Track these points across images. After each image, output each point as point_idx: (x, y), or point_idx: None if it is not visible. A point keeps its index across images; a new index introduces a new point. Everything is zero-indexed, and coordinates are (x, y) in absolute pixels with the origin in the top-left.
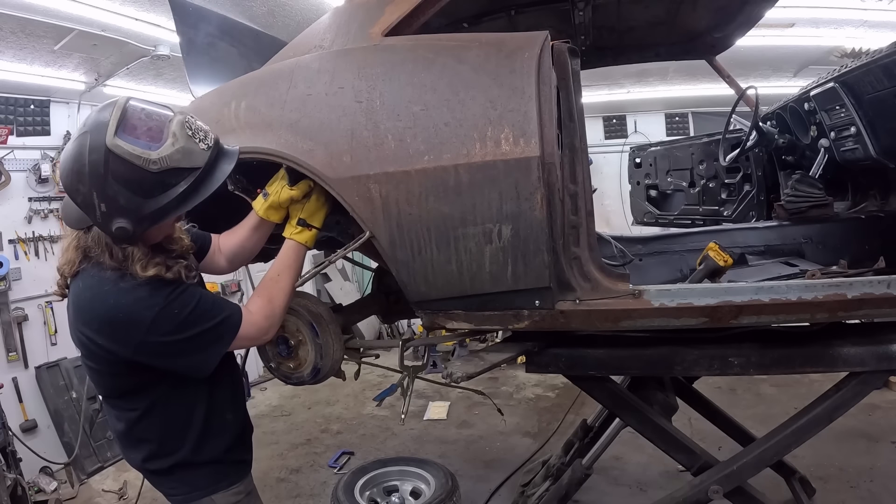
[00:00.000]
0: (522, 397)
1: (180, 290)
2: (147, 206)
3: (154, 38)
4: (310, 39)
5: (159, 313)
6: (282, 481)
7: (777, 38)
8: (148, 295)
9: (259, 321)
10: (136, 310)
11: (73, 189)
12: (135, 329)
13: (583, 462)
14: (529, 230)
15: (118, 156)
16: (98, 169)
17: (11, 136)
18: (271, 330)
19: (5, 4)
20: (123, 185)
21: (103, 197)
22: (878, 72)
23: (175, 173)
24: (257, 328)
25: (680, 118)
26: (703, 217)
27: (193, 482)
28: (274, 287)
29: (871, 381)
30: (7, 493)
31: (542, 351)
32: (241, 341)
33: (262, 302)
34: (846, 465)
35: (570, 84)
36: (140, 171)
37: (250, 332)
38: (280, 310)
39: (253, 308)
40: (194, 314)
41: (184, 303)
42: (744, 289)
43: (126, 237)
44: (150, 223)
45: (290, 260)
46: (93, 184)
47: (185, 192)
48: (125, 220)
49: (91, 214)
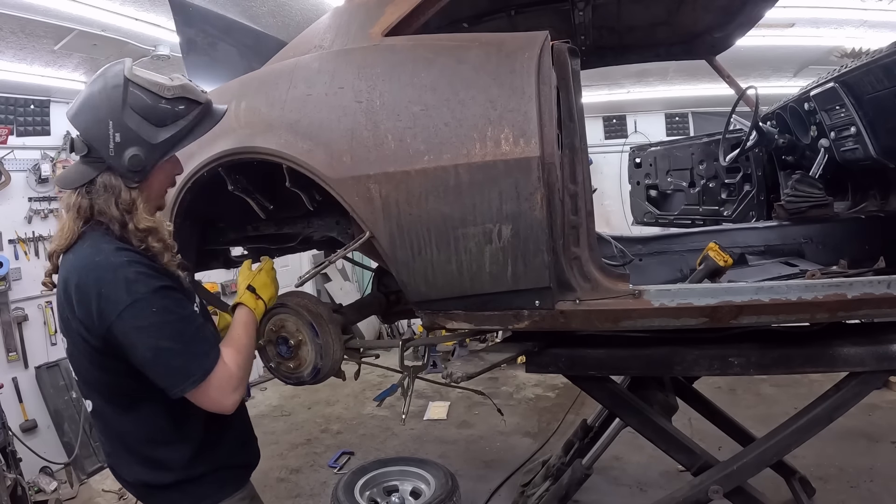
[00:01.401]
0: (522, 397)
1: (170, 292)
2: (160, 134)
3: (154, 38)
4: (310, 39)
5: (139, 300)
6: (282, 481)
7: (777, 38)
8: (136, 278)
9: (233, 371)
10: (120, 287)
11: (86, 125)
12: (111, 307)
13: (583, 462)
14: (529, 230)
15: (137, 84)
16: (116, 99)
17: (11, 136)
18: (241, 386)
19: (5, 4)
20: (140, 112)
21: (119, 126)
22: (878, 72)
23: (184, 103)
24: (228, 378)
25: (680, 118)
26: (703, 217)
27: (197, 492)
28: (238, 342)
29: (871, 381)
30: (7, 493)
31: (542, 351)
32: (210, 390)
33: (232, 351)
34: (846, 465)
35: (570, 84)
36: (156, 97)
37: (221, 382)
38: (248, 365)
39: (226, 356)
40: (171, 324)
41: (166, 307)
42: (744, 289)
43: (139, 166)
44: (161, 154)
45: (244, 318)
46: (110, 114)
47: (192, 124)
48: (139, 148)
49: (104, 148)
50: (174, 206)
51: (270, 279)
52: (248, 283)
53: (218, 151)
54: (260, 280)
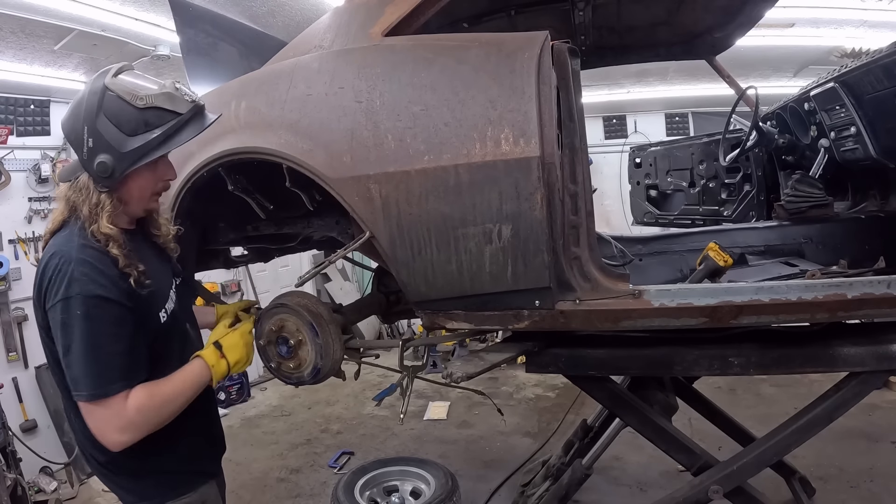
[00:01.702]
0: (522, 397)
1: (107, 304)
2: (129, 143)
3: (154, 38)
4: (310, 39)
5: (70, 299)
6: (282, 481)
7: (777, 38)
8: (78, 277)
9: (128, 413)
10: (63, 280)
11: (68, 129)
12: (50, 295)
13: (583, 462)
14: (529, 230)
15: (112, 92)
16: (93, 106)
17: (11, 136)
18: (130, 431)
19: (5, 4)
20: (111, 118)
21: (92, 132)
22: (878, 72)
23: (158, 114)
24: (117, 416)
25: (680, 118)
26: (703, 217)
27: (139, 490)
28: (163, 391)
29: (871, 381)
30: (7, 493)
31: (542, 351)
32: (91, 417)
33: (146, 396)
34: (846, 465)
35: (570, 84)
36: (128, 106)
37: (107, 416)
38: (156, 417)
39: (133, 397)
40: (89, 333)
41: (92, 316)
42: (744, 289)
43: (106, 174)
44: (130, 163)
45: (192, 372)
46: (86, 120)
47: (164, 135)
48: (107, 155)
49: (79, 152)
50: (174, 206)
51: (244, 342)
52: (216, 338)
53: (218, 151)
54: (231, 339)
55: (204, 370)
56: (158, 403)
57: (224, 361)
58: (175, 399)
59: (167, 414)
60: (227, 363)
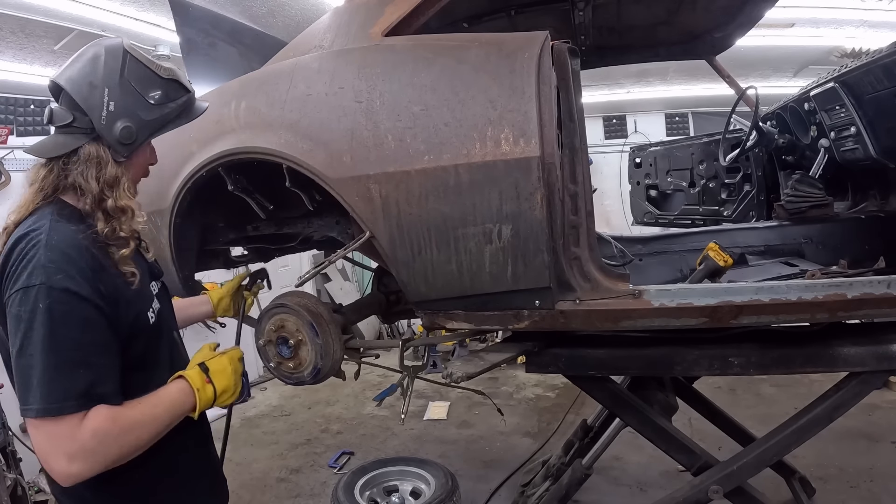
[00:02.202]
0: (522, 397)
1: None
2: (151, 111)
3: (154, 38)
4: (310, 39)
5: (31, 288)
6: (282, 481)
7: (777, 38)
8: (44, 264)
9: (82, 437)
10: (27, 266)
11: (80, 89)
12: (10, 280)
13: (583, 462)
14: (529, 230)
15: (135, 57)
16: (114, 67)
17: (11, 136)
18: (81, 459)
19: (5, 4)
20: (135, 84)
21: (114, 95)
22: (878, 72)
23: (175, 87)
24: (69, 440)
25: (680, 118)
26: (703, 217)
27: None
28: (132, 413)
29: (871, 381)
30: (7, 493)
31: (542, 351)
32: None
33: (109, 417)
34: (846, 465)
35: (570, 84)
36: (152, 73)
37: (56, 437)
38: (115, 452)
39: (91, 418)
40: (49, 333)
41: (54, 312)
42: (744, 289)
43: (130, 139)
44: (150, 132)
45: (170, 395)
46: (106, 81)
47: (180, 107)
48: (130, 120)
49: (95, 116)
50: (174, 205)
51: (232, 369)
52: (202, 360)
53: (218, 151)
54: (219, 364)
55: (186, 394)
56: (122, 429)
57: (210, 387)
58: (145, 425)
59: (132, 444)
60: (213, 389)
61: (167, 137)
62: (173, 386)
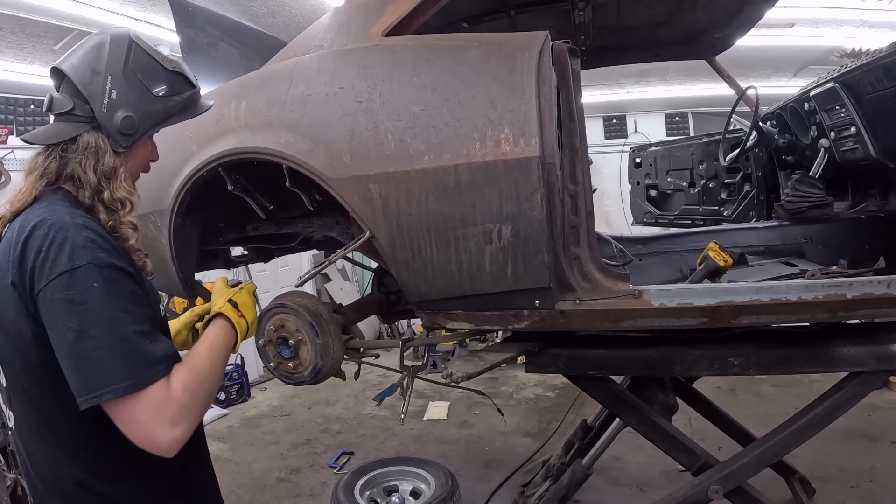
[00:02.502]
0: (522, 397)
1: (123, 276)
2: (155, 103)
3: (154, 38)
4: (310, 39)
5: (80, 269)
6: (282, 481)
7: (777, 38)
8: (84, 244)
9: (177, 395)
10: (64, 250)
11: (82, 75)
12: (46, 269)
13: (583, 462)
14: (529, 230)
15: (140, 47)
16: (119, 56)
17: (11, 136)
18: (183, 421)
19: (5, 4)
20: (139, 74)
21: (117, 83)
22: (878, 72)
23: (180, 80)
24: (167, 403)
25: (680, 118)
26: (703, 217)
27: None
28: (198, 363)
29: (871, 381)
30: (7, 493)
31: (542, 351)
32: (136, 411)
33: (185, 372)
34: (846, 465)
35: (570, 84)
36: (157, 65)
37: (155, 404)
38: (203, 395)
39: (174, 377)
40: (110, 310)
41: (111, 289)
42: (744, 289)
43: (131, 129)
44: (152, 124)
45: (217, 336)
46: (109, 69)
47: (185, 101)
48: (132, 109)
49: (97, 103)
50: (174, 205)
51: (253, 302)
52: (229, 296)
53: (218, 151)
54: (243, 298)
55: (228, 330)
56: (200, 377)
57: (244, 321)
58: (213, 368)
59: (210, 390)
60: (245, 322)
61: (167, 137)
62: (215, 327)
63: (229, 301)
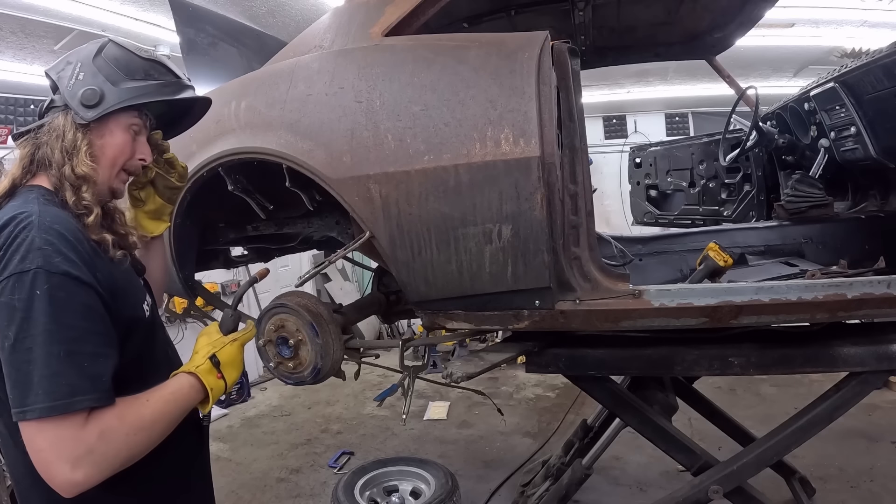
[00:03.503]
0: (522, 397)
1: (77, 285)
2: (125, 82)
3: (154, 38)
4: (310, 39)
5: (27, 273)
6: (282, 481)
7: (777, 38)
8: (40, 246)
9: (88, 438)
10: (20, 249)
11: (55, 67)
12: (3, 262)
13: (583, 462)
14: (529, 230)
15: (115, 43)
16: (91, 50)
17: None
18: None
19: (5, 4)
20: (111, 60)
21: (85, 67)
22: (878, 72)
23: (159, 69)
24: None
25: (680, 118)
26: (703, 217)
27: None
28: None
29: (871, 381)
30: (7, 493)
31: (542, 351)
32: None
33: (115, 416)
34: (846, 465)
35: (570, 84)
36: (130, 54)
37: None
38: (124, 454)
39: (97, 417)
40: (51, 322)
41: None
42: (744, 289)
43: (93, 101)
44: (119, 97)
45: (180, 391)
46: (80, 59)
47: (162, 84)
48: (97, 86)
49: (64, 85)
50: (174, 205)
51: (241, 359)
52: (213, 351)
53: (218, 151)
54: (229, 354)
55: (197, 391)
56: (131, 427)
57: (222, 382)
58: (155, 423)
59: (142, 444)
60: (224, 384)
61: None
62: (185, 381)
63: (212, 358)
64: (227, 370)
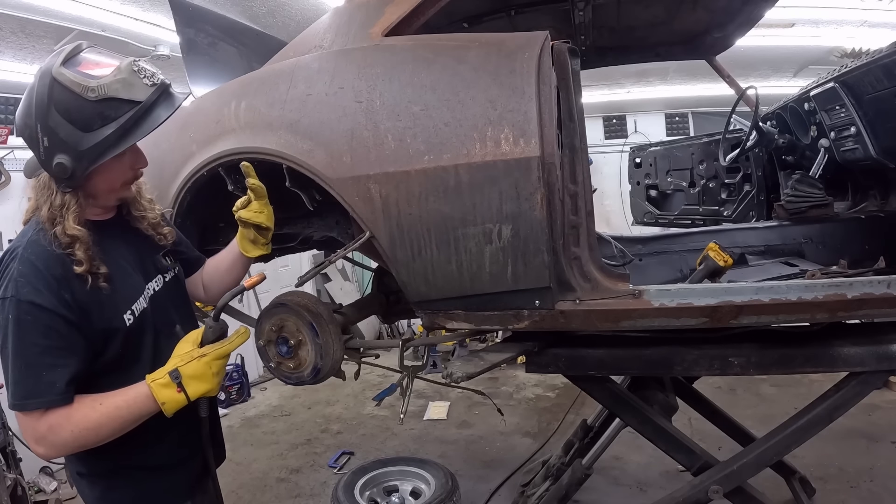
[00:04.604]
0: (522, 397)
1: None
2: (85, 140)
3: (154, 38)
4: (310, 39)
5: (5, 299)
6: (282, 481)
7: (777, 38)
8: (16, 278)
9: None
10: (7, 277)
11: (21, 125)
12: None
13: (583, 462)
14: (529, 230)
15: (61, 84)
16: (43, 99)
17: (11, 136)
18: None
19: (5, 4)
20: (63, 114)
21: (46, 129)
22: (878, 72)
23: (113, 105)
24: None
25: (680, 118)
26: (703, 217)
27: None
28: (91, 415)
29: (871, 381)
30: (7, 493)
31: (542, 351)
32: (18, 421)
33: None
34: (846, 465)
35: (570, 84)
36: (79, 99)
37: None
38: (73, 444)
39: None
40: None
41: (21, 322)
42: (744, 289)
43: (65, 175)
44: (89, 162)
45: (129, 403)
46: (38, 115)
47: (123, 128)
48: (65, 155)
49: (36, 152)
50: (174, 206)
51: (212, 372)
52: (178, 364)
53: (218, 151)
54: (195, 369)
55: (152, 400)
56: (78, 426)
57: (181, 395)
58: (102, 425)
59: (92, 439)
60: (185, 396)
61: (168, 138)
62: (142, 390)
63: (171, 373)
64: (191, 384)
